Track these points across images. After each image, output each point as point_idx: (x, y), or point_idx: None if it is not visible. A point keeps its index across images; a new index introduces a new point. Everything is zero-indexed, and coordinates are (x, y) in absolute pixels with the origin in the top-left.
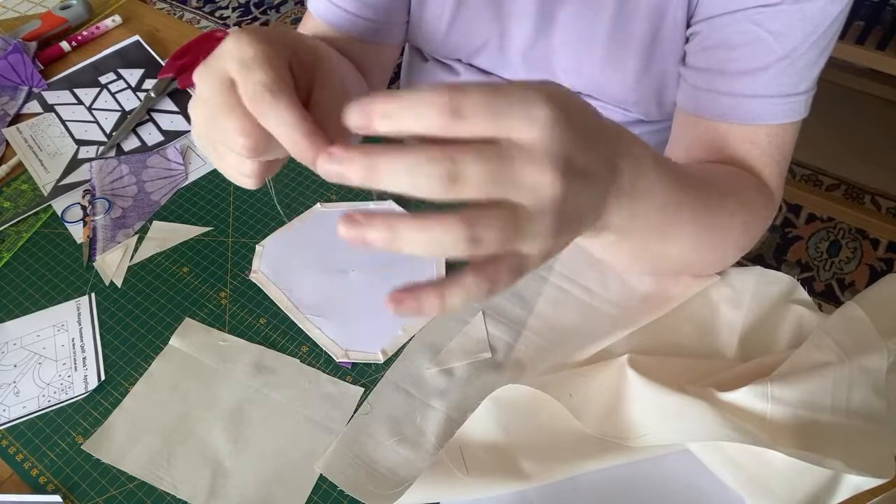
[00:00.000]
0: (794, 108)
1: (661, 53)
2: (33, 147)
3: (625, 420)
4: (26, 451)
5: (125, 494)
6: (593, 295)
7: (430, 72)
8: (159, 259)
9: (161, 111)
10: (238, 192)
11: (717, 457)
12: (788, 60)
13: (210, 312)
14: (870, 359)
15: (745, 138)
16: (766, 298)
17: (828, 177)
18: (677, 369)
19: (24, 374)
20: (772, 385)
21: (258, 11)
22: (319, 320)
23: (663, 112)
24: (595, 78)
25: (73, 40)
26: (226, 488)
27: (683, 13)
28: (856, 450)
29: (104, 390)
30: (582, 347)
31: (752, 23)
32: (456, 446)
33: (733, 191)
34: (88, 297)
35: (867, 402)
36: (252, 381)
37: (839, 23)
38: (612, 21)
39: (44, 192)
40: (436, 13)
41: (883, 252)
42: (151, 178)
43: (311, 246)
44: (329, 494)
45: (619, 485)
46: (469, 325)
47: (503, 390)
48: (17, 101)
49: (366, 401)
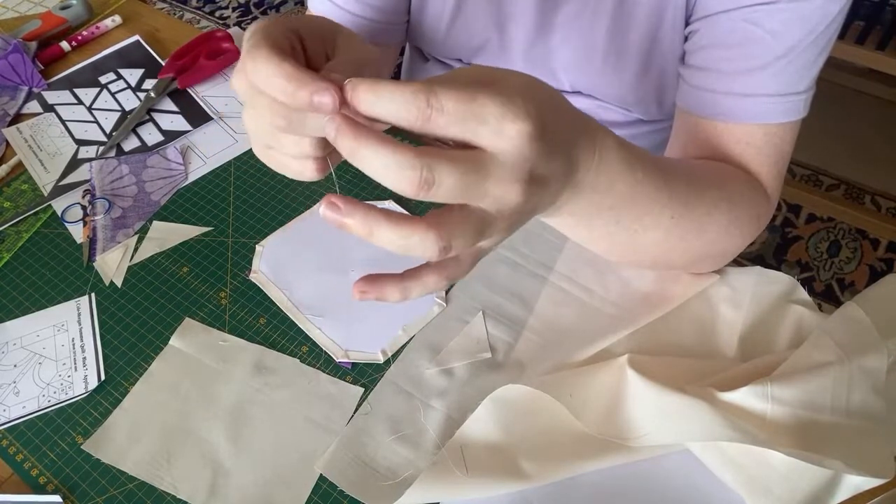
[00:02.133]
0: (792, 107)
1: (660, 53)
2: (33, 147)
3: (625, 420)
4: (26, 451)
5: (125, 494)
6: (593, 295)
7: (430, 72)
8: (159, 259)
9: (161, 111)
10: (238, 192)
11: (717, 457)
12: (786, 59)
13: (210, 312)
14: (870, 359)
15: (741, 137)
16: (765, 298)
17: (828, 177)
18: (677, 369)
19: (24, 374)
20: (772, 385)
21: (258, 11)
22: (319, 320)
23: (663, 112)
24: (595, 78)
25: (73, 40)
26: (226, 488)
27: (682, 12)
28: (856, 450)
29: (104, 390)
30: (582, 347)
31: (750, 22)
32: (456, 446)
33: (717, 184)
34: (88, 297)
35: (867, 402)
36: (252, 381)
37: (838, 22)
38: (612, 21)
39: (44, 192)
40: (436, 13)
41: (883, 252)
42: (151, 178)
43: (311, 246)
44: (329, 494)
45: (619, 485)
46: (469, 325)
47: (503, 390)
48: (17, 101)
49: (366, 401)
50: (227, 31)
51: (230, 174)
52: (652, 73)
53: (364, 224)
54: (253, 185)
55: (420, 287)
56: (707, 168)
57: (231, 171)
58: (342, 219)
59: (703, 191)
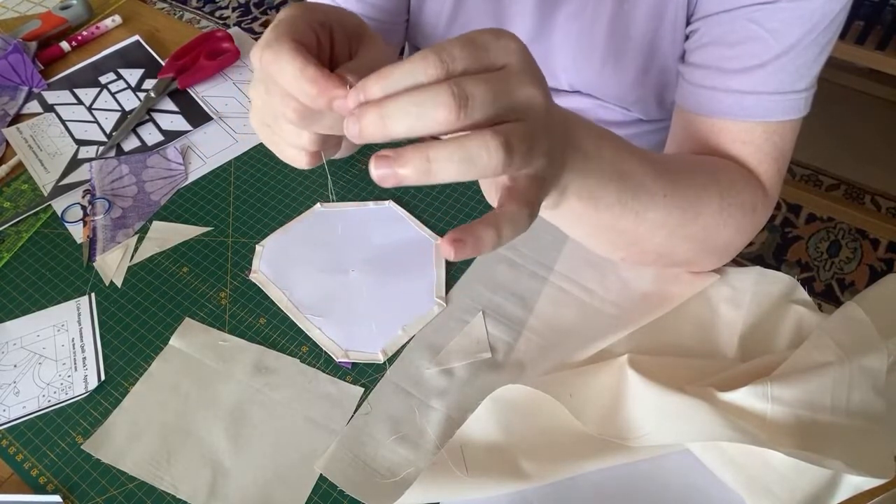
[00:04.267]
0: (792, 105)
1: (661, 52)
2: (33, 147)
3: (625, 420)
4: (26, 451)
5: (125, 494)
6: (593, 295)
7: None
8: (159, 259)
9: (161, 111)
10: (238, 192)
11: (717, 457)
12: (786, 58)
13: (210, 312)
14: (870, 359)
15: (741, 135)
16: (765, 298)
17: (828, 177)
18: (677, 369)
19: (24, 374)
20: (772, 385)
21: (258, 11)
22: (319, 320)
23: (663, 111)
24: (595, 77)
25: (73, 40)
26: (226, 488)
27: (683, 12)
28: (856, 450)
29: (104, 390)
30: (582, 347)
31: (751, 21)
32: (456, 446)
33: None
34: (88, 297)
35: (867, 402)
36: (252, 381)
37: (839, 21)
38: (612, 21)
39: (44, 192)
40: (435, 11)
41: (883, 252)
42: (151, 178)
43: (311, 246)
44: (329, 494)
45: (619, 485)
46: (469, 325)
47: (503, 390)
48: (17, 101)
49: (366, 401)
50: (227, 31)
51: (230, 174)
52: (652, 72)
53: (419, 156)
54: (253, 185)
55: (508, 222)
56: (694, 157)
57: (231, 171)
58: (395, 169)
59: (689, 173)
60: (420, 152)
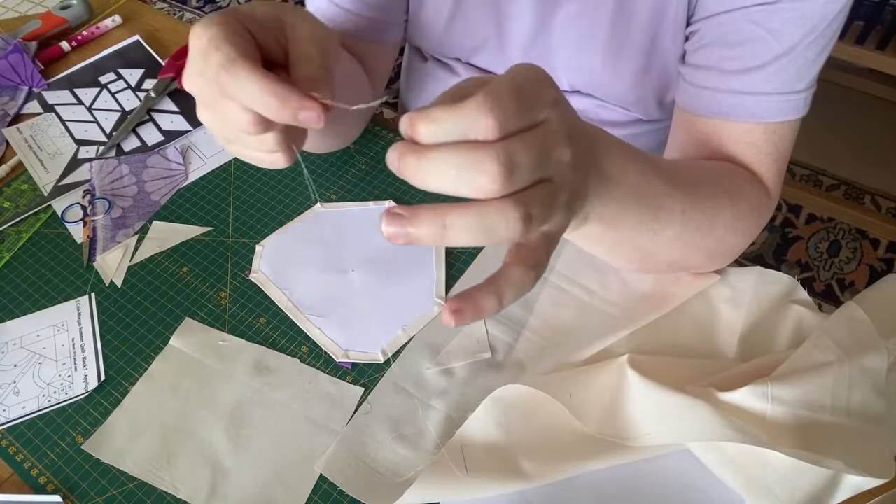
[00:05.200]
0: (792, 105)
1: (661, 52)
2: (33, 147)
3: (625, 420)
4: (26, 451)
5: (125, 494)
6: (593, 295)
7: (429, 72)
8: (159, 259)
9: (161, 111)
10: (238, 192)
11: (717, 457)
12: (787, 58)
13: (210, 312)
14: (870, 359)
15: (741, 136)
16: (766, 298)
17: (828, 177)
18: (677, 369)
19: (24, 374)
20: (772, 385)
21: None
22: (319, 320)
23: (664, 111)
24: (595, 77)
25: (73, 40)
26: (226, 488)
27: (684, 12)
28: (856, 450)
29: (104, 390)
30: (582, 347)
31: (751, 21)
32: (456, 446)
33: (716, 180)
34: (88, 297)
35: (867, 402)
36: (252, 381)
37: (839, 22)
38: (612, 20)
39: (44, 192)
40: (434, 10)
41: (883, 252)
42: (151, 178)
43: (311, 246)
44: (329, 494)
45: (619, 485)
46: (469, 325)
47: (503, 390)
48: (17, 101)
49: (366, 401)
50: None
51: (230, 174)
52: (652, 72)
53: (434, 220)
54: (253, 185)
55: (511, 286)
56: (704, 165)
57: (231, 171)
58: (408, 229)
59: (703, 185)
60: (437, 216)
